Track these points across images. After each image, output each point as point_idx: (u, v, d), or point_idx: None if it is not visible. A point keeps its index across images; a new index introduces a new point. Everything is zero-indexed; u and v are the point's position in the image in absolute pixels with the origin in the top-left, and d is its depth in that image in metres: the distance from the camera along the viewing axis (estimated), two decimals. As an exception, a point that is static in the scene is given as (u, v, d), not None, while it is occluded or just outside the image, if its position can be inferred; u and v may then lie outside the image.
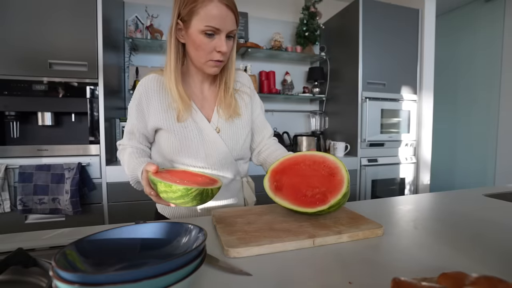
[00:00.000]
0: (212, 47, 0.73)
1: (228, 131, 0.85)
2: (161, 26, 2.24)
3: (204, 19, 0.70)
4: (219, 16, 0.70)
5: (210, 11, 0.69)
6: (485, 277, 0.30)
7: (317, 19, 2.45)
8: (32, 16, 1.55)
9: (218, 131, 0.83)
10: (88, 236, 0.41)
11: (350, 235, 0.58)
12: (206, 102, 0.86)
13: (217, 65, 0.77)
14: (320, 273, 0.45)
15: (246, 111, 0.89)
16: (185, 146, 0.80)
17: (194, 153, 0.81)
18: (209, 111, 0.85)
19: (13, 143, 1.65)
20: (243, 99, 0.89)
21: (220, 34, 0.72)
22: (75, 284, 0.28)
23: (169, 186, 0.60)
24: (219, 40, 0.72)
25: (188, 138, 0.80)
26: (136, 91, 0.82)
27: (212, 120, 0.84)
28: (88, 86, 1.64)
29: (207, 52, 0.74)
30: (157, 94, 0.80)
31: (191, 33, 0.72)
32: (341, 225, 0.63)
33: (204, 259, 0.38)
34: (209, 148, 0.82)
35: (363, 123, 2.18)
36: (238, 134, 0.86)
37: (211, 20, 0.70)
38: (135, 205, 1.70)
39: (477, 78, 2.83)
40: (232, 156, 0.86)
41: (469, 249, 0.54)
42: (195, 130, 0.81)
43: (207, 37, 0.72)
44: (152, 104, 0.80)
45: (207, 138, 0.82)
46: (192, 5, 0.70)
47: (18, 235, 0.63)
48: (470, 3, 2.87)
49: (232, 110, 0.84)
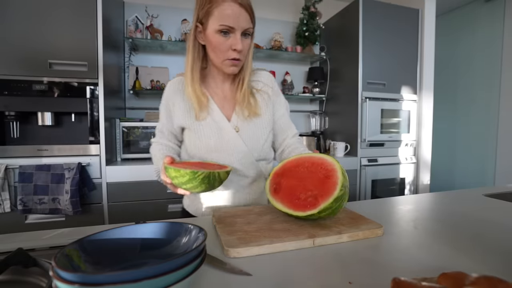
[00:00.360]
0: (228, 46, 0.75)
1: (247, 130, 0.86)
2: (161, 26, 2.24)
3: (218, 19, 0.73)
4: (233, 15, 0.73)
5: (224, 10, 0.72)
6: (485, 277, 0.30)
7: (317, 19, 2.45)
8: (32, 16, 1.55)
9: (237, 130, 0.85)
10: (88, 236, 0.41)
11: (350, 235, 0.58)
12: (227, 102, 0.88)
13: (235, 64, 0.79)
14: (320, 273, 0.45)
15: (266, 111, 0.89)
16: (205, 145, 0.83)
17: (215, 151, 0.84)
18: (229, 111, 0.87)
19: (13, 143, 1.65)
20: (264, 99, 0.90)
21: (235, 32, 0.75)
22: (75, 284, 0.28)
23: (178, 171, 0.63)
24: (234, 39, 0.75)
25: (208, 136, 0.83)
26: (164, 93, 0.89)
27: (232, 120, 0.85)
28: (88, 86, 1.64)
29: (224, 51, 0.76)
30: (181, 94, 0.85)
31: (208, 33, 0.76)
32: (341, 225, 0.63)
33: (204, 259, 0.38)
34: (229, 147, 0.84)
35: (363, 123, 2.18)
36: (258, 134, 0.87)
37: (225, 19, 0.73)
38: (135, 205, 1.70)
39: (477, 78, 2.83)
40: (253, 156, 0.87)
41: (469, 249, 0.54)
42: (214, 129, 0.84)
43: (222, 36, 0.74)
44: (176, 104, 0.85)
45: (226, 137, 0.84)
46: (207, 6, 0.74)
47: (18, 235, 0.63)
48: (470, 3, 2.87)
49: (251, 109, 0.85)
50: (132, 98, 2.25)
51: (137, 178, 1.70)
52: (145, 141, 1.93)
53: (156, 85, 2.17)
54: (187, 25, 2.18)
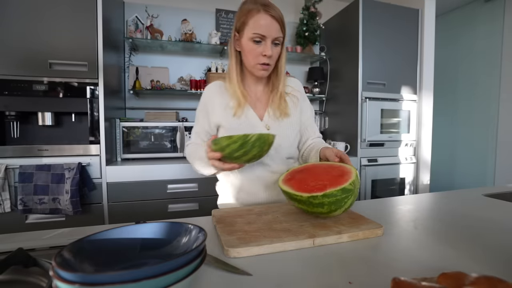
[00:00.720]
0: (259, 52, 0.85)
1: (277, 129, 0.94)
2: (161, 26, 2.24)
3: (252, 28, 0.84)
4: (265, 25, 0.83)
5: (258, 21, 0.83)
6: (485, 277, 0.30)
7: (317, 19, 2.45)
8: (32, 16, 1.55)
9: (268, 128, 0.93)
10: (88, 236, 0.41)
11: (350, 235, 0.58)
12: (259, 102, 0.97)
13: (264, 68, 0.88)
14: (320, 273, 0.45)
15: (295, 112, 0.98)
16: None
17: None
18: (261, 111, 0.96)
19: (13, 143, 1.65)
20: (293, 101, 0.99)
21: (266, 40, 0.84)
22: (75, 284, 0.29)
23: (230, 137, 0.68)
24: (265, 46, 0.85)
25: (240, 132, 0.87)
26: (202, 96, 0.98)
27: (263, 119, 0.94)
28: (88, 86, 1.64)
29: (255, 56, 0.86)
30: (219, 95, 0.94)
31: (243, 41, 0.87)
32: (341, 225, 0.63)
33: (204, 259, 0.38)
34: None
35: (363, 123, 2.18)
36: (287, 132, 0.95)
37: (258, 28, 0.83)
38: (135, 205, 1.70)
39: (477, 78, 2.83)
40: (283, 153, 0.95)
41: (469, 249, 0.54)
42: (248, 126, 0.92)
43: (255, 44, 0.85)
44: (214, 104, 0.93)
45: None
46: (243, 17, 0.85)
47: (18, 235, 0.63)
48: (470, 3, 2.87)
49: (282, 110, 0.94)
50: (132, 98, 2.25)
51: (137, 178, 1.70)
52: (145, 141, 1.93)
53: (156, 85, 2.17)
54: (187, 25, 2.18)
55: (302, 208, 0.66)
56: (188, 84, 2.29)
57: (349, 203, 0.63)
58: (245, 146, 0.68)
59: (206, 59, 2.40)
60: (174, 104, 2.35)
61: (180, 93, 2.28)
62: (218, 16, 2.40)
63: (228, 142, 0.68)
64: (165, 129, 1.96)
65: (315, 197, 0.60)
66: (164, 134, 1.96)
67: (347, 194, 0.61)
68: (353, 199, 0.63)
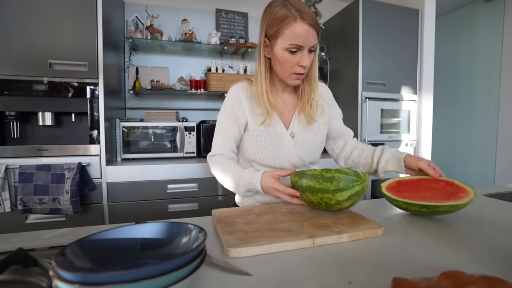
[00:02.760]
0: (295, 62, 0.80)
1: (303, 137, 0.92)
2: (161, 26, 2.24)
3: (288, 38, 0.77)
4: (303, 34, 0.76)
5: (295, 30, 0.76)
6: (485, 277, 0.30)
7: (317, 19, 2.45)
8: (32, 16, 1.55)
9: (292, 136, 0.91)
10: (88, 236, 0.41)
11: (350, 235, 0.58)
12: (286, 108, 0.94)
13: (299, 78, 0.85)
14: (320, 273, 0.45)
15: (321, 120, 0.96)
16: (263, 148, 0.89)
17: (272, 155, 0.90)
18: (288, 117, 0.93)
19: (13, 143, 1.65)
20: (320, 109, 0.96)
21: (303, 50, 0.79)
22: (75, 284, 0.29)
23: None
24: (302, 56, 0.79)
25: (266, 140, 0.89)
26: (227, 99, 0.92)
27: (289, 127, 0.92)
28: (88, 86, 1.64)
29: (291, 67, 0.81)
30: (246, 99, 0.90)
31: (276, 50, 0.81)
32: (341, 225, 0.63)
33: (204, 259, 0.38)
34: (285, 151, 0.90)
35: (363, 123, 2.18)
36: (312, 140, 0.94)
37: (295, 38, 0.77)
38: (135, 205, 1.70)
39: (477, 78, 2.83)
40: (306, 161, 0.93)
41: (469, 249, 0.54)
42: (273, 134, 0.89)
43: (290, 54, 0.79)
44: (243, 107, 0.90)
45: (283, 142, 0.90)
46: (278, 26, 0.78)
47: (18, 235, 0.63)
48: (470, 3, 2.87)
49: (310, 117, 0.91)
50: (132, 98, 2.25)
51: (137, 178, 1.70)
52: (145, 141, 1.93)
53: (156, 85, 2.17)
54: (187, 25, 2.18)
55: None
56: (188, 84, 2.29)
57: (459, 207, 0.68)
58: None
59: (206, 59, 2.40)
60: (174, 104, 2.35)
61: (180, 93, 2.28)
62: (218, 16, 2.40)
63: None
64: (165, 129, 1.96)
65: (457, 205, 0.67)
66: (164, 134, 1.96)
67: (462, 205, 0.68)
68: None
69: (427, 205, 0.69)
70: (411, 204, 0.72)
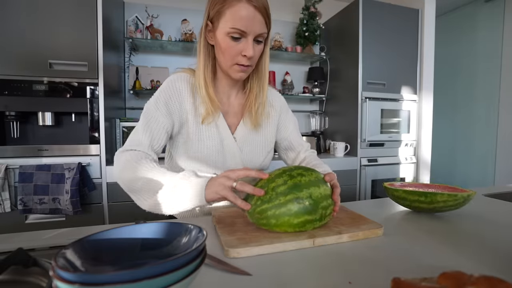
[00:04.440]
0: (238, 50, 0.69)
1: (248, 143, 0.82)
2: (161, 26, 2.24)
3: (230, 21, 0.66)
4: (246, 17, 0.66)
5: (237, 12, 0.66)
6: (485, 277, 0.30)
7: (317, 19, 2.45)
8: (32, 16, 1.55)
9: (237, 142, 0.81)
10: (88, 236, 0.41)
11: (350, 235, 0.58)
12: (232, 109, 0.83)
13: (243, 70, 0.73)
14: (320, 273, 0.45)
15: (267, 125, 0.87)
16: (204, 154, 0.77)
17: (213, 162, 0.78)
18: (234, 119, 0.82)
19: (13, 143, 1.65)
20: (269, 116, 0.87)
21: (247, 37, 0.68)
22: (75, 284, 0.28)
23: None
24: (246, 44, 0.69)
25: (207, 146, 0.77)
26: (164, 87, 0.77)
27: (235, 130, 0.81)
28: (88, 86, 1.64)
29: (233, 56, 0.70)
30: (188, 92, 0.77)
31: (218, 35, 0.70)
32: (341, 225, 0.63)
33: (204, 259, 0.38)
34: (227, 157, 0.80)
35: (363, 123, 2.18)
36: (258, 149, 0.84)
37: (237, 22, 0.66)
38: (135, 205, 1.69)
39: (477, 78, 2.83)
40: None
41: (469, 249, 0.54)
42: (216, 137, 0.78)
43: (233, 40, 0.68)
44: (183, 104, 0.76)
45: (226, 148, 0.79)
46: (220, 5, 0.67)
47: (18, 235, 0.63)
48: (470, 3, 2.87)
49: (258, 121, 0.81)
50: (132, 98, 2.25)
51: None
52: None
53: (156, 85, 2.17)
54: (187, 25, 2.18)
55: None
56: (188, 84, 2.29)
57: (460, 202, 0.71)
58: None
59: (206, 59, 2.39)
60: (174, 104, 2.34)
61: (180, 93, 2.28)
62: (218, 16, 2.39)
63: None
64: (165, 129, 1.95)
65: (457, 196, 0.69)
66: (164, 134, 1.95)
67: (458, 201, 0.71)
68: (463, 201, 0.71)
69: (425, 193, 0.69)
70: (410, 193, 0.72)
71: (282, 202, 0.56)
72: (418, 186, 0.81)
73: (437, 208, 0.71)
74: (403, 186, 0.81)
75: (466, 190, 0.73)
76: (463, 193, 0.68)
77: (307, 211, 0.56)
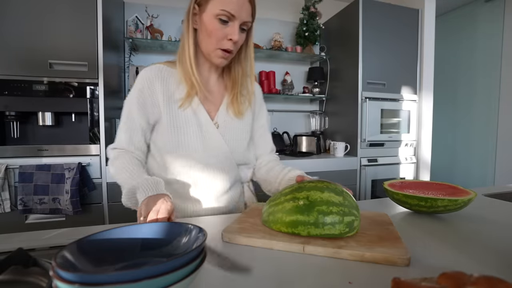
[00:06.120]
0: (224, 34, 0.71)
1: (230, 130, 0.81)
2: (161, 26, 2.24)
3: (220, 3, 0.69)
4: (236, 2, 0.69)
5: None
6: (485, 277, 0.30)
7: (317, 19, 2.45)
8: (32, 16, 1.55)
9: (217, 127, 0.80)
10: (88, 236, 0.41)
11: (351, 254, 0.49)
12: (211, 95, 0.82)
13: (225, 56, 0.74)
14: (320, 273, 0.45)
15: (248, 115, 0.87)
16: (183, 142, 0.76)
17: (193, 150, 0.76)
18: (212, 106, 0.81)
19: (13, 143, 1.65)
20: (249, 104, 0.87)
21: (234, 21, 0.71)
22: (75, 284, 0.28)
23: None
24: (233, 28, 0.71)
25: (185, 132, 0.76)
26: (137, 82, 0.78)
27: (215, 116, 0.81)
28: (88, 86, 1.64)
29: (218, 39, 0.72)
30: (160, 81, 0.77)
31: (205, 17, 0.71)
32: (354, 240, 0.53)
33: (204, 259, 0.38)
34: (209, 145, 0.78)
35: (363, 123, 2.18)
36: (241, 136, 0.83)
37: (228, 4, 0.69)
38: (135, 205, 1.69)
39: (477, 78, 2.83)
40: (234, 159, 0.82)
41: (469, 249, 0.54)
42: (194, 124, 0.77)
43: (220, 23, 0.70)
44: (155, 92, 0.77)
45: (206, 135, 0.78)
46: None
47: (18, 235, 0.63)
48: (470, 3, 2.87)
49: (237, 109, 0.82)
50: (132, 98, 2.24)
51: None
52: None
53: (156, 85, 2.16)
54: (187, 25, 2.17)
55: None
56: (188, 84, 2.29)
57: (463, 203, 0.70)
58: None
59: (206, 59, 2.39)
60: (174, 104, 2.34)
61: (180, 93, 2.28)
62: (218, 16, 2.40)
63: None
64: (165, 129, 1.95)
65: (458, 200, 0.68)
66: (164, 134, 1.95)
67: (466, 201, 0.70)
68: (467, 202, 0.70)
69: (426, 198, 0.69)
70: (410, 197, 0.72)
71: (281, 200, 0.58)
72: (418, 186, 0.81)
73: (438, 211, 0.71)
74: (403, 186, 0.81)
75: (467, 190, 0.73)
76: (464, 198, 0.68)
77: (300, 210, 0.55)
